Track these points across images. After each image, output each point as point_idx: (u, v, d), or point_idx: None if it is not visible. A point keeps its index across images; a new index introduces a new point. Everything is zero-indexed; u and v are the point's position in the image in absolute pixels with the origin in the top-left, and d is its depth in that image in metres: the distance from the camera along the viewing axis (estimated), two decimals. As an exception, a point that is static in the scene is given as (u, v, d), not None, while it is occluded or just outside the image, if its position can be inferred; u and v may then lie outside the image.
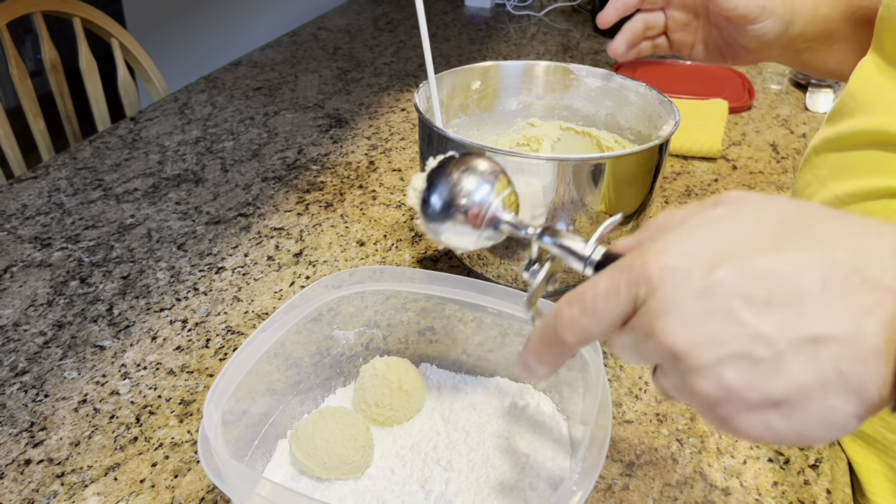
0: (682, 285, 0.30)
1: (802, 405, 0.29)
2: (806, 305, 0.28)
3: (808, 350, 0.28)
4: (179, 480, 0.56)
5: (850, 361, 0.28)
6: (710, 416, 0.31)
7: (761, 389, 0.29)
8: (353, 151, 1.07)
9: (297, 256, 0.82)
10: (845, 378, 0.28)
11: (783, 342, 0.29)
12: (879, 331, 0.27)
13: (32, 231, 0.86)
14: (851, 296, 0.28)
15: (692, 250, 0.31)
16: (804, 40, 0.69)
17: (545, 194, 0.62)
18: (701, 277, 0.30)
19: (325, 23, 1.70)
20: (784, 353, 0.29)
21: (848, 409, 0.28)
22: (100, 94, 1.36)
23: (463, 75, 0.76)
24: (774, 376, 0.29)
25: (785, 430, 0.30)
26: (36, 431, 0.60)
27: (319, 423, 0.52)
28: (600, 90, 0.77)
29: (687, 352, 0.30)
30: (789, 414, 0.29)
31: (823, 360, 0.28)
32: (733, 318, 0.29)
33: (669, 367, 0.32)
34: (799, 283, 0.29)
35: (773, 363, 0.29)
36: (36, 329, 0.71)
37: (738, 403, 0.30)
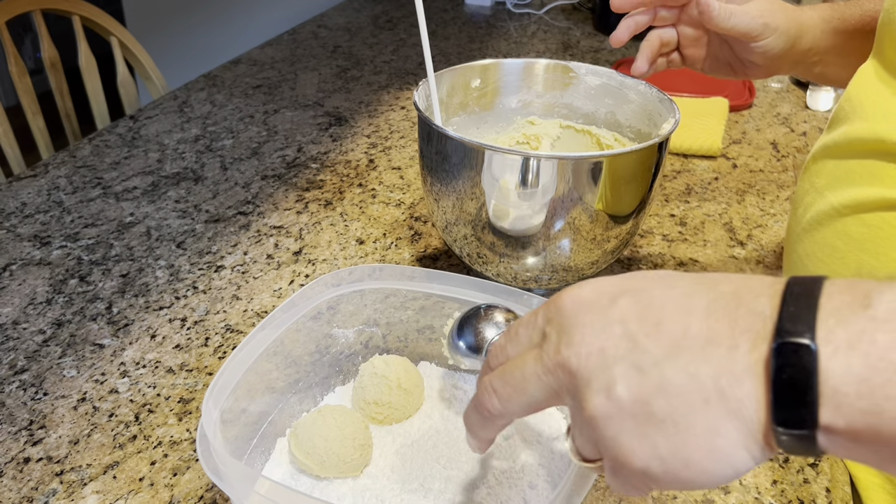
0: (585, 309, 0.33)
1: (686, 425, 0.30)
2: (691, 326, 0.31)
3: (690, 367, 0.30)
4: (178, 479, 0.56)
5: (727, 379, 0.29)
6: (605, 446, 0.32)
7: (647, 404, 0.30)
8: (353, 150, 1.07)
9: (297, 255, 0.82)
10: (724, 396, 0.29)
11: (668, 359, 0.30)
12: (752, 350, 0.29)
13: (32, 229, 0.86)
14: (730, 319, 0.30)
15: (601, 286, 0.34)
16: (815, 54, 0.69)
17: (544, 192, 0.62)
18: (604, 304, 0.33)
19: (325, 21, 1.70)
20: (668, 369, 0.30)
21: (731, 432, 0.29)
22: (99, 93, 1.35)
23: (462, 73, 0.76)
24: (659, 392, 0.30)
25: (671, 456, 0.30)
26: (35, 430, 0.60)
27: (318, 421, 0.52)
28: (600, 88, 0.77)
29: (582, 366, 0.32)
30: (674, 434, 0.30)
31: (704, 377, 0.30)
32: (626, 337, 0.32)
33: (569, 393, 0.33)
34: (686, 307, 0.31)
35: (658, 378, 0.30)
36: (35, 327, 0.71)
37: (626, 421, 0.31)
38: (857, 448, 0.28)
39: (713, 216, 0.91)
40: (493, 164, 0.62)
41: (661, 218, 0.91)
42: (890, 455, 0.27)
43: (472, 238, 0.68)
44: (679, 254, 0.83)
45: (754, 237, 0.87)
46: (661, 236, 0.87)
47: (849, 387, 0.27)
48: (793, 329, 0.28)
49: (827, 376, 0.27)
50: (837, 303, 0.28)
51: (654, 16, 0.68)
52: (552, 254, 0.66)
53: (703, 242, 0.86)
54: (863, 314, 0.28)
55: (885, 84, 0.57)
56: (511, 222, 0.65)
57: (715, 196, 0.96)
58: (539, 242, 0.65)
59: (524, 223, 0.65)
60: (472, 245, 0.69)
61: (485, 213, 0.65)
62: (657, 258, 0.82)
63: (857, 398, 0.27)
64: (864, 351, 0.27)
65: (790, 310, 0.29)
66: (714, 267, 0.81)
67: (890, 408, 0.26)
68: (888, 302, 0.28)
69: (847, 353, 0.27)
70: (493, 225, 0.66)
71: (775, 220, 0.91)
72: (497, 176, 0.62)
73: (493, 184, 0.63)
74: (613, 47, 0.69)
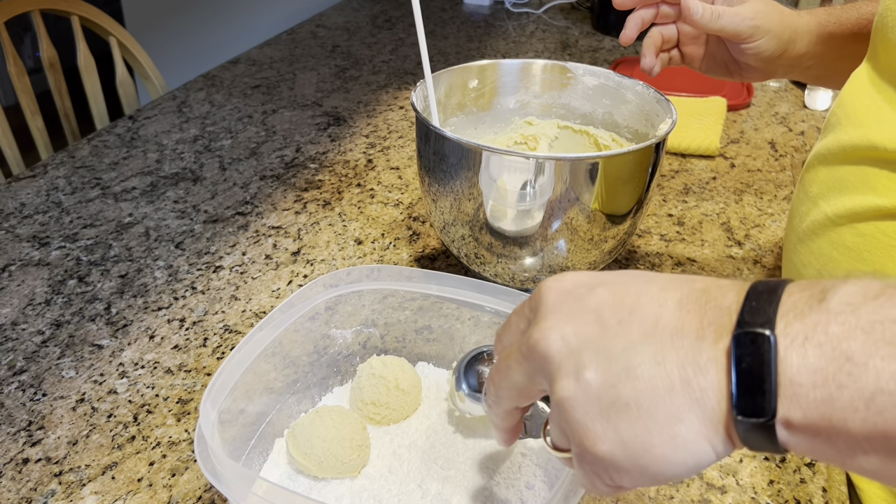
0: (563, 298, 0.35)
1: (649, 410, 0.31)
2: (662, 317, 0.32)
3: (657, 355, 0.31)
4: (177, 479, 0.56)
5: (692, 368, 0.30)
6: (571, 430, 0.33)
7: (613, 387, 0.31)
8: (352, 150, 1.07)
9: (295, 255, 0.82)
10: (688, 384, 0.30)
11: (638, 346, 0.32)
12: (717, 341, 0.30)
13: (30, 230, 0.86)
14: (699, 312, 0.31)
15: (581, 278, 0.36)
16: (810, 58, 0.69)
17: (541, 193, 0.62)
18: (581, 294, 0.35)
19: (324, 20, 1.70)
20: (636, 356, 0.31)
21: (693, 420, 0.30)
22: (98, 93, 1.35)
23: (460, 74, 0.76)
24: (626, 377, 0.31)
25: (632, 440, 0.31)
26: (34, 430, 0.60)
27: (316, 422, 0.52)
28: (598, 88, 0.77)
29: (553, 349, 0.33)
30: (637, 419, 0.31)
31: (670, 365, 0.31)
32: (600, 323, 0.33)
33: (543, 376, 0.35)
34: (660, 299, 0.33)
35: (626, 364, 0.31)
36: (34, 328, 0.71)
37: (592, 404, 0.32)
38: (816, 443, 0.29)
39: (711, 216, 0.92)
40: (490, 164, 0.62)
41: (659, 218, 0.91)
42: (846, 447, 0.28)
43: (469, 238, 0.68)
44: (677, 253, 0.84)
45: (752, 237, 0.87)
46: (658, 236, 0.87)
47: (804, 377, 0.28)
48: (752, 321, 0.29)
49: (784, 367, 0.28)
50: (796, 299, 0.29)
51: (658, 11, 0.69)
52: (550, 254, 0.66)
53: (701, 242, 0.86)
54: (818, 307, 0.29)
55: (877, 90, 0.56)
56: (509, 223, 0.65)
57: (713, 196, 0.96)
58: (536, 243, 0.65)
59: (522, 224, 0.65)
60: (470, 245, 0.69)
61: (482, 213, 0.65)
62: (655, 258, 0.83)
63: (811, 388, 0.28)
64: (818, 342, 0.28)
65: (752, 304, 0.30)
66: (711, 266, 0.81)
67: (841, 396, 0.27)
68: (842, 295, 0.29)
69: (803, 344, 0.28)
70: (490, 225, 0.66)
71: (773, 220, 0.91)
72: (494, 176, 0.62)
73: (491, 184, 0.63)
74: (624, 46, 0.70)
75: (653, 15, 0.69)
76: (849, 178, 0.57)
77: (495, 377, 0.39)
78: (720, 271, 0.80)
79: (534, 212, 0.64)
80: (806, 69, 0.70)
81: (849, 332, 0.27)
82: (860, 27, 0.68)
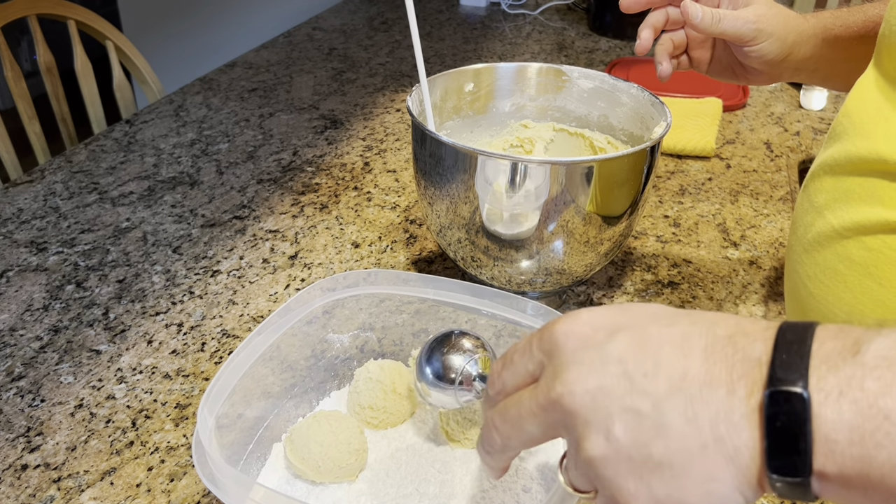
0: (582, 346, 0.33)
1: (683, 469, 0.30)
2: (689, 370, 0.31)
3: (688, 411, 0.30)
4: (175, 484, 0.56)
5: (725, 426, 0.29)
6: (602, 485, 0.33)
7: (645, 446, 0.31)
8: (348, 153, 1.07)
9: (293, 259, 0.83)
10: (722, 442, 0.29)
11: (667, 402, 0.31)
12: (749, 397, 0.29)
13: (28, 235, 0.86)
14: (727, 364, 0.30)
15: (597, 320, 0.34)
16: (815, 61, 0.68)
17: (538, 196, 0.62)
18: (600, 340, 0.33)
19: (321, 23, 1.70)
20: (667, 412, 0.30)
21: (727, 478, 0.30)
22: (95, 97, 1.36)
23: (455, 78, 0.77)
24: (658, 435, 0.30)
25: (667, 498, 0.31)
26: (32, 436, 0.60)
27: (314, 426, 0.53)
28: (593, 91, 0.77)
29: (581, 404, 0.32)
30: (671, 478, 0.30)
31: (702, 421, 0.30)
32: (625, 377, 0.32)
33: (566, 431, 0.34)
34: (684, 349, 0.32)
35: (657, 421, 0.31)
36: (32, 334, 0.71)
37: (624, 463, 0.31)
38: (850, 493, 0.28)
39: (707, 217, 0.92)
40: (485, 168, 0.62)
41: (655, 219, 0.91)
42: (881, 500, 0.28)
43: (466, 242, 0.69)
44: (673, 254, 0.84)
45: (748, 237, 0.88)
46: (654, 237, 0.87)
47: (840, 434, 0.27)
48: (785, 377, 0.29)
49: (819, 423, 0.28)
50: (828, 349, 0.29)
51: (668, 17, 0.69)
52: (545, 257, 0.67)
53: (697, 243, 0.86)
54: (852, 361, 0.28)
55: (885, 97, 0.55)
56: (504, 226, 0.65)
57: (709, 196, 0.97)
58: (532, 246, 0.66)
59: (517, 227, 0.65)
60: (467, 248, 0.69)
61: (478, 217, 0.66)
62: (651, 259, 0.83)
63: (848, 445, 0.27)
64: (853, 398, 0.27)
65: (782, 357, 0.29)
66: (707, 268, 0.82)
67: (879, 455, 0.27)
68: (876, 349, 0.28)
69: (838, 400, 0.28)
70: (486, 229, 0.66)
71: (769, 221, 0.91)
72: (490, 180, 0.63)
73: (486, 188, 0.63)
74: (639, 55, 0.70)
75: (664, 21, 0.69)
76: (856, 189, 0.55)
77: (503, 427, 0.37)
78: (716, 272, 0.81)
79: (529, 215, 0.64)
80: (812, 72, 0.70)
81: (885, 388, 0.27)
82: (867, 30, 0.68)
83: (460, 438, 0.55)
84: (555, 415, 0.33)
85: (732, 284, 0.79)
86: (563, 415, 0.33)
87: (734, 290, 0.78)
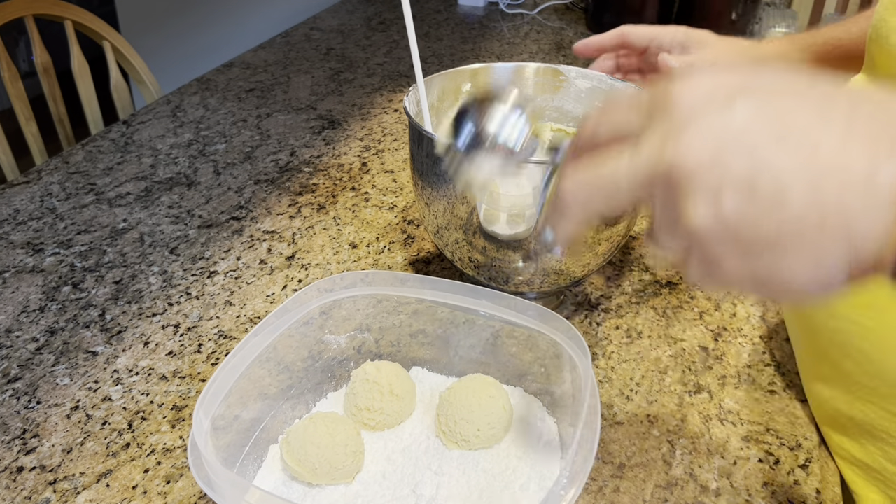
0: (702, 106, 0.30)
1: (793, 248, 0.28)
2: (823, 144, 0.28)
3: (814, 182, 0.27)
4: (171, 486, 0.56)
5: (855, 195, 0.27)
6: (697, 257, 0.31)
7: (756, 224, 0.28)
8: (346, 153, 1.07)
9: (290, 259, 0.82)
10: (846, 211, 0.27)
11: (791, 174, 0.28)
12: (892, 178, 0.26)
13: (24, 236, 0.86)
14: (873, 142, 0.27)
15: (719, 80, 0.31)
16: None
17: (534, 196, 0.62)
18: (722, 103, 0.30)
19: (318, 23, 1.70)
20: (789, 185, 0.28)
21: (840, 263, 0.28)
22: (92, 97, 1.35)
23: (453, 78, 0.76)
24: (772, 211, 0.28)
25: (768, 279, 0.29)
26: (28, 438, 0.60)
27: (310, 428, 0.52)
28: (590, 91, 0.77)
29: (693, 171, 0.29)
30: (779, 258, 0.28)
31: (828, 191, 0.27)
32: (745, 145, 0.28)
33: (669, 193, 0.30)
34: (820, 123, 0.28)
35: (775, 197, 0.28)
36: (28, 335, 0.71)
37: (730, 239, 0.29)
38: None
39: (705, 217, 0.92)
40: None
41: (654, 219, 0.91)
42: None
43: (463, 242, 0.68)
44: (671, 255, 0.84)
45: (746, 238, 0.87)
46: (653, 238, 0.87)
47: None
48: None
49: None
50: None
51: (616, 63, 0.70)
52: (543, 257, 0.66)
53: (695, 243, 0.86)
54: None
55: None
56: (502, 226, 0.65)
57: (707, 196, 0.96)
58: (530, 246, 0.66)
59: (515, 227, 0.65)
60: (464, 249, 0.69)
61: (475, 217, 0.65)
62: (649, 259, 0.83)
63: None
64: None
65: None
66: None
67: None
68: None
69: None
70: (483, 229, 0.66)
71: (767, 221, 0.91)
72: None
73: (483, 188, 0.63)
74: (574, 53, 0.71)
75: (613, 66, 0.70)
76: None
77: (589, 186, 0.33)
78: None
79: (527, 216, 0.64)
80: None
81: None
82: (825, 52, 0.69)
83: (457, 440, 0.55)
84: (658, 177, 0.30)
85: (730, 284, 0.79)
86: (669, 178, 0.30)
87: (732, 289, 0.78)
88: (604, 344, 0.70)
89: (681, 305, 0.75)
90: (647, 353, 0.69)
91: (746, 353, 0.69)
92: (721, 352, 0.69)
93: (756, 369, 0.67)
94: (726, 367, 0.68)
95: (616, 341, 0.70)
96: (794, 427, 0.61)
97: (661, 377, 0.66)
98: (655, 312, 0.74)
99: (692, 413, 0.62)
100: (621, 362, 0.68)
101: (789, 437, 0.60)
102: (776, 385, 0.66)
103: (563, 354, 0.55)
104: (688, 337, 0.71)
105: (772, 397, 0.64)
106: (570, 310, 0.75)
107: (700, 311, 0.75)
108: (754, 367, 0.68)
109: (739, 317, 0.74)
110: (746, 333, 0.72)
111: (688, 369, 0.67)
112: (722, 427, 0.61)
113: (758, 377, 0.66)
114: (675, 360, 0.68)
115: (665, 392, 0.65)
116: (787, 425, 0.61)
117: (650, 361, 0.68)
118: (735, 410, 0.63)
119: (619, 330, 0.72)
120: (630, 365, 0.68)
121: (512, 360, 0.61)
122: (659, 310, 0.75)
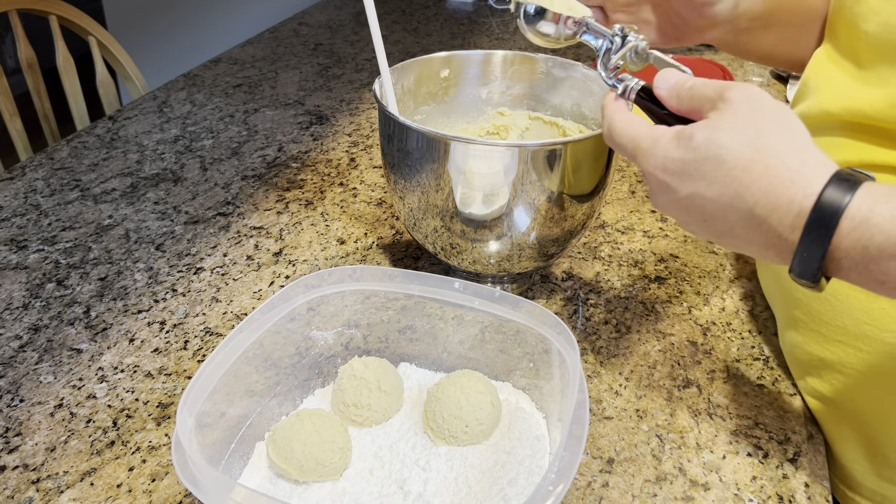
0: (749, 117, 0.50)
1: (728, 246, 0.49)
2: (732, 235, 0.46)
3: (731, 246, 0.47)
4: (157, 484, 0.55)
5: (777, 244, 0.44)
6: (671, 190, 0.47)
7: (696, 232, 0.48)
8: (334, 149, 1.07)
9: (277, 255, 0.82)
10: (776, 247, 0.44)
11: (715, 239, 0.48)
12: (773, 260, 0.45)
13: (8, 233, 0.85)
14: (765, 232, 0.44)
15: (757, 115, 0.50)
16: (746, 19, 0.68)
17: (506, 174, 0.62)
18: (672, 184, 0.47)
19: (306, 18, 1.69)
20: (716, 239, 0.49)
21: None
22: (78, 93, 1.34)
23: (430, 64, 0.77)
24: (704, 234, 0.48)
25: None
26: (11, 437, 0.59)
27: (296, 425, 0.52)
28: (566, 81, 0.77)
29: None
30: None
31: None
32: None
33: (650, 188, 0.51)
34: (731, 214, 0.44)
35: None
36: (11, 333, 0.70)
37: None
38: None
39: (694, 211, 0.91)
40: (457, 154, 0.62)
41: (642, 214, 0.91)
42: None
43: (442, 230, 0.68)
44: (660, 250, 0.83)
45: (735, 232, 0.87)
46: (641, 232, 0.87)
47: None
48: None
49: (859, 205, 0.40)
50: None
51: None
52: (517, 234, 0.66)
53: (684, 238, 0.86)
54: None
55: (834, 64, 0.61)
56: (478, 206, 0.65)
57: (696, 191, 0.96)
58: (504, 224, 0.65)
59: (490, 205, 0.65)
60: (444, 237, 0.68)
61: (451, 202, 0.65)
62: (638, 254, 0.82)
63: None
64: None
65: None
66: (694, 263, 0.81)
67: None
68: None
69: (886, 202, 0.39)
70: (461, 213, 0.65)
71: (756, 215, 0.91)
72: (461, 165, 0.62)
73: (459, 172, 0.63)
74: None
75: None
76: None
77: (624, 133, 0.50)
78: (703, 267, 0.80)
79: (500, 193, 0.63)
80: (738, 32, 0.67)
81: None
82: None
83: (445, 436, 0.55)
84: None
85: (720, 279, 0.79)
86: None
87: (721, 284, 0.78)
88: (592, 339, 0.70)
89: (669, 300, 0.75)
90: (635, 348, 0.69)
91: (735, 347, 0.69)
92: (710, 346, 0.69)
93: (745, 364, 0.67)
94: (715, 361, 0.67)
95: (605, 336, 0.70)
96: (783, 421, 0.61)
97: (650, 372, 0.66)
98: (644, 307, 0.74)
99: (681, 408, 0.62)
100: (610, 357, 0.68)
101: (778, 431, 0.60)
102: (765, 379, 0.66)
103: (552, 349, 0.54)
104: (677, 332, 0.71)
105: (760, 391, 0.64)
106: (559, 305, 0.74)
107: (689, 305, 0.75)
108: (743, 361, 0.68)
109: (728, 311, 0.74)
110: (735, 328, 0.72)
111: (677, 364, 0.67)
112: (711, 421, 0.61)
113: (746, 371, 0.66)
114: (663, 355, 0.68)
115: (654, 387, 0.64)
116: (776, 419, 0.61)
117: (639, 356, 0.68)
118: (724, 405, 0.63)
119: (608, 325, 0.72)
120: (619, 360, 0.67)
121: (500, 355, 0.61)
122: (648, 304, 0.75)
